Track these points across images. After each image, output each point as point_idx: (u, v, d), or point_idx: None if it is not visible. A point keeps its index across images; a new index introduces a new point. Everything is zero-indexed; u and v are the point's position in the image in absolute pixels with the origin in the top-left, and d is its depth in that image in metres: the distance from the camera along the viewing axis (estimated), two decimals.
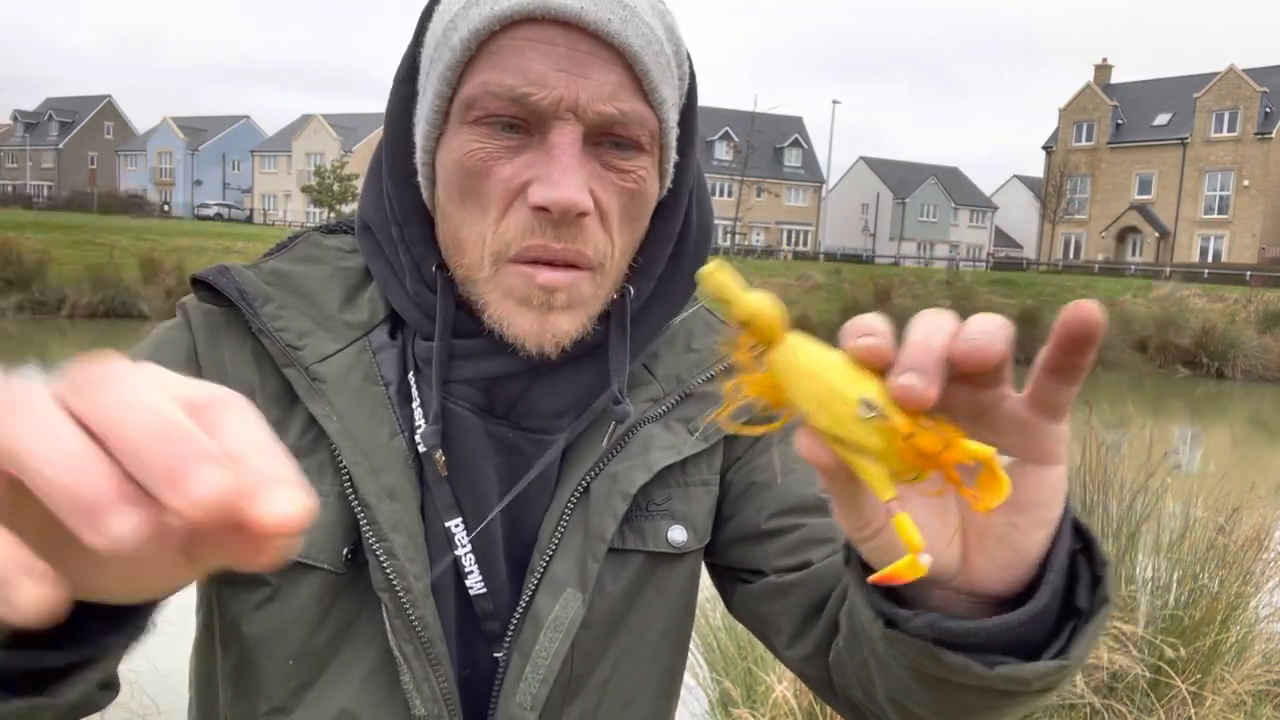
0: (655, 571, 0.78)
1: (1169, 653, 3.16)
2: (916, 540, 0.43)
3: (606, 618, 0.76)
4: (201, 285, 0.75)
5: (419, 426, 0.73)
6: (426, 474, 0.72)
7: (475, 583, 0.73)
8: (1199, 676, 3.23)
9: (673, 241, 0.77)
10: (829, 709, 0.93)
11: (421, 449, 0.72)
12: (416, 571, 0.69)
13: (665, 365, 0.81)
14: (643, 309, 0.77)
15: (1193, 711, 3.12)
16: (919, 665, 0.52)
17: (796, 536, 0.79)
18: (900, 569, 0.43)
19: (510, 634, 0.73)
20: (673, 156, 0.73)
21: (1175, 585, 3.48)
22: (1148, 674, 3.21)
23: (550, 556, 0.74)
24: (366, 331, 0.75)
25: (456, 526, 0.72)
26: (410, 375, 0.74)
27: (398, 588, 0.68)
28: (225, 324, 0.75)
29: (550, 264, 0.67)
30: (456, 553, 0.72)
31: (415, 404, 0.73)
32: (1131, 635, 3.16)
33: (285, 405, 0.72)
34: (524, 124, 0.66)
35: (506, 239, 0.67)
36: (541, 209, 0.65)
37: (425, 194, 0.73)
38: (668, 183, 0.74)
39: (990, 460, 0.43)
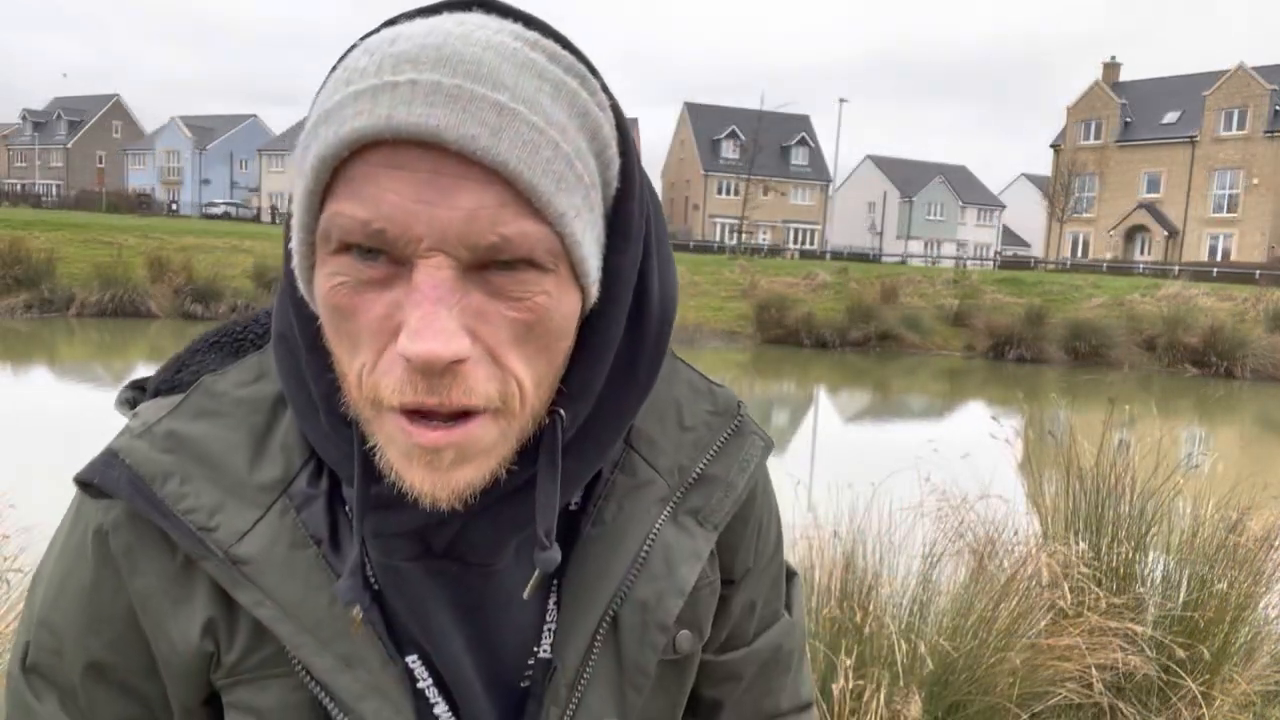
0: (664, 673, 0.77)
1: (1179, 652, 3.15)
2: None
3: None
4: (90, 485, 0.67)
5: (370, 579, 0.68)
6: (376, 624, 0.68)
7: (443, 713, 0.70)
8: (1208, 677, 3.22)
9: (610, 354, 0.66)
10: None
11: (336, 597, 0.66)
12: None
13: (665, 454, 0.75)
14: (583, 429, 0.67)
15: (1202, 712, 3.10)
16: None
17: (719, 671, 0.84)
18: None
19: None
20: (593, 267, 0.61)
21: (1185, 585, 3.47)
22: (1157, 674, 3.20)
23: (584, 689, 0.71)
24: (284, 488, 0.68)
25: (414, 663, 0.70)
26: (341, 532, 0.68)
27: None
28: (143, 539, 0.67)
29: (433, 416, 0.58)
30: (419, 685, 0.69)
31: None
32: (1141, 635, 3.15)
33: (227, 601, 0.67)
34: (387, 253, 0.56)
35: (382, 391, 0.57)
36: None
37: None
38: (593, 294, 0.63)
39: None
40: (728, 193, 60.13)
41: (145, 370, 0.84)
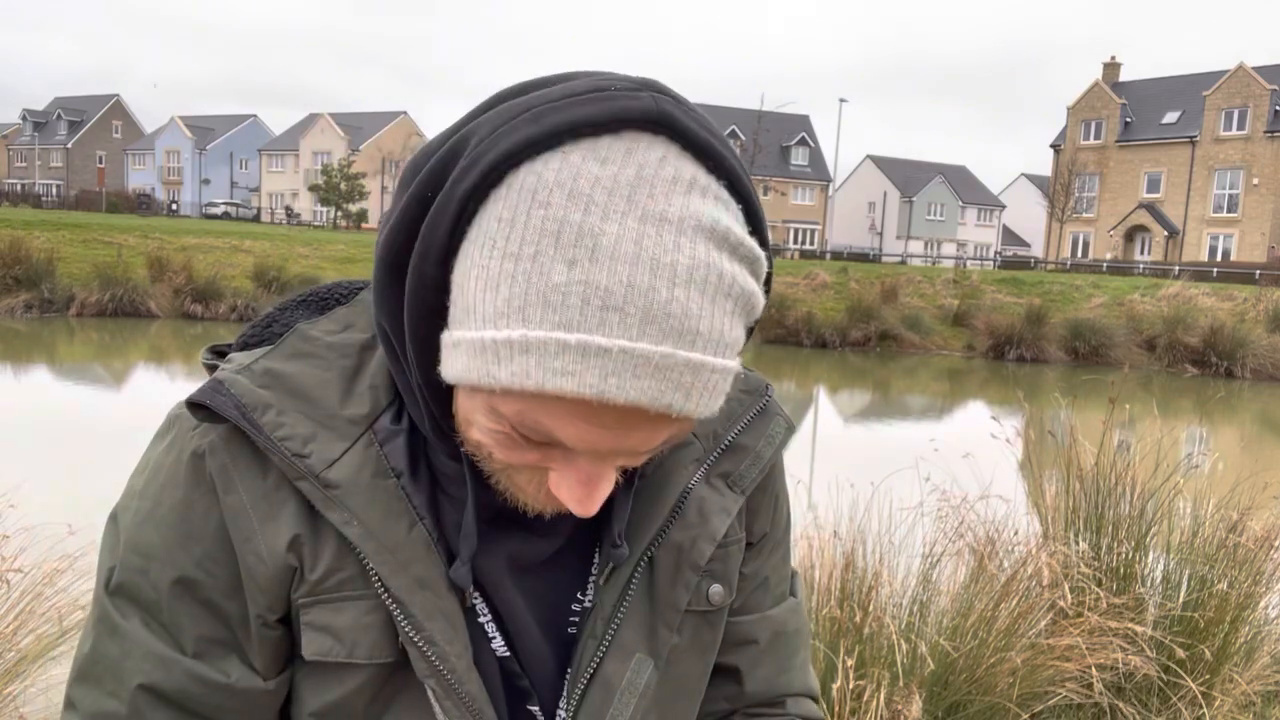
0: (699, 628, 0.84)
1: (1179, 652, 3.15)
2: None
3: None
4: (198, 406, 0.73)
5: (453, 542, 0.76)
6: (442, 554, 0.75)
7: (499, 646, 0.77)
8: (1208, 677, 3.21)
9: None
10: None
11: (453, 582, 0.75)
12: (458, 651, 0.73)
13: (702, 422, 0.82)
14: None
15: (1202, 712, 3.10)
16: None
17: (736, 632, 0.89)
18: None
19: (576, 696, 0.78)
20: None
21: (1185, 585, 3.47)
22: (1157, 674, 3.19)
23: (619, 624, 0.78)
24: (370, 424, 0.74)
25: (475, 597, 0.77)
26: (420, 467, 0.76)
27: (443, 670, 0.73)
28: (237, 460, 0.73)
29: None
30: (480, 620, 0.77)
31: (427, 490, 0.76)
32: (1141, 635, 3.14)
33: (313, 522, 0.73)
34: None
35: (519, 478, 0.69)
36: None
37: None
38: None
39: None
40: None
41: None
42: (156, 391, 13.83)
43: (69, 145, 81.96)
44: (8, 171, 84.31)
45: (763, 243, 0.65)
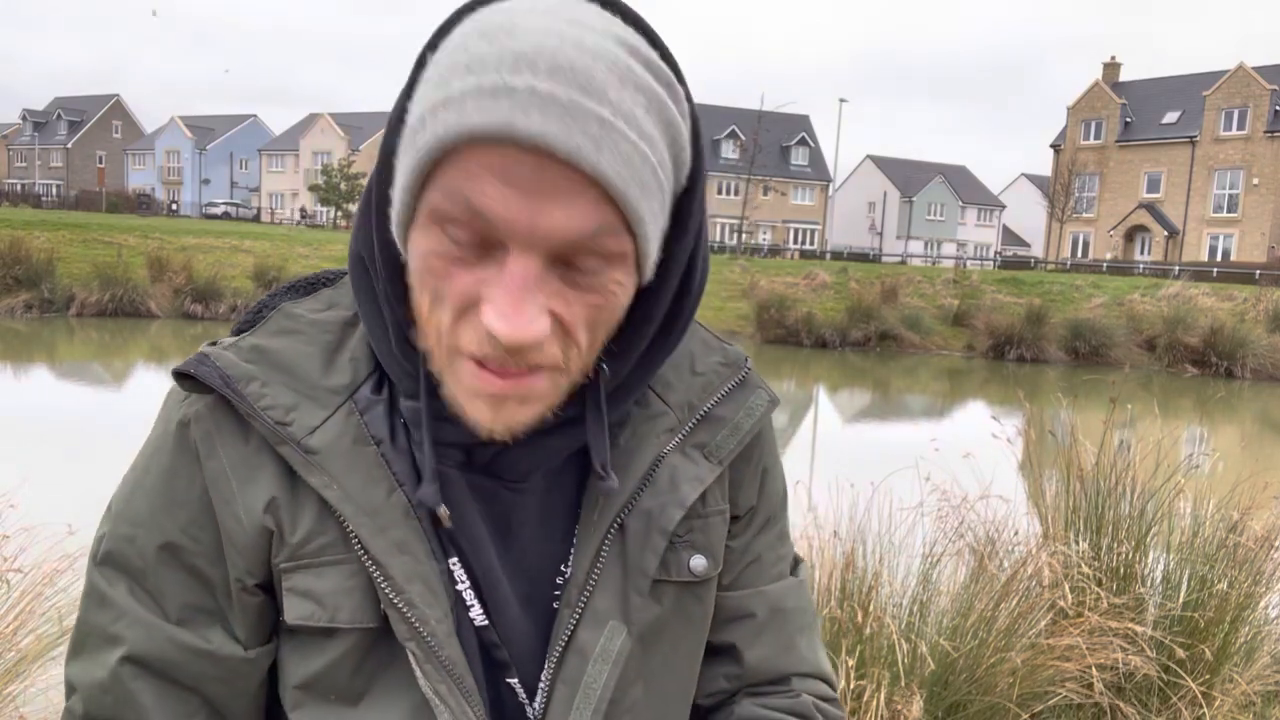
0: (682, 599, 0.84)
1: (1179, 652, 3.15)
2: None
3: (639, 645, 0.80)
4: (184, 376, 0.75)
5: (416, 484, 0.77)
6: (423, 522, 0.76)
7: (477, 615, 0.77)
8: (1208, 677, 3.22)
9: (654, 327, 0.76)
10: None
11: (422, 502, 0.76)
12: (438, 615, 0.74)
13: (677, 393, 0.84)
14: (621, 385, 0.78)
15: (1202, 712, 3.10)
16: None
17: (730, 607, 0.88)
18: None
19: (553, 665, 0.78)
20: (654, 256, 0.69)
21: (1185, 585, 3.47)
22: (1157, 674, 3.20)
23: (590, 592, 0.78)
24: (350, 393, 0.77)
25: (454, 565, 0.77)
26: (399, 436, 0.77)
27: (423, 633, 0.73)
28: (221, 427, 0.75)
29: (503, 372, 0.67)
30: (458, 587, 0.77)
31: (407, 458, 0.77)
32: (1141, 635, 3.14)
33: (292, 487, 0.75)
34: (485, 240, 0.64)
35: (460, 342, 0.67)
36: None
37: (404, 257, 0.71)
38: (649, 276, 0.71)
39: None
40: (728, 193, 60.11)
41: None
42: (156, 391, 13.75)
43: (69, 145, 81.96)
44: (8, 171, 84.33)
45: (686, 97, 0.69)
